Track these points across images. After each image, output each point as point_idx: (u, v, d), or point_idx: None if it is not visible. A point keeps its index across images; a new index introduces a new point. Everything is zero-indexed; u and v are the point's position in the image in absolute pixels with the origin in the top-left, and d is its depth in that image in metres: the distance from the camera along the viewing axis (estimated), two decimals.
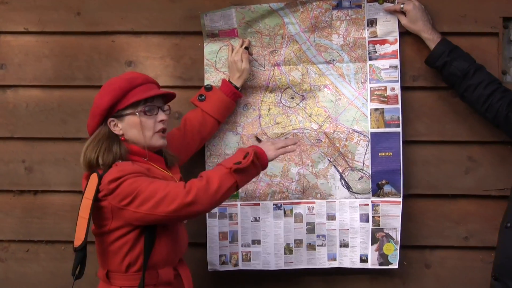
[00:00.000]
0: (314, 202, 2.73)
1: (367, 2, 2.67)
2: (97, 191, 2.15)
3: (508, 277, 2.33)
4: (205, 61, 2.74)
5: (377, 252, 2.70)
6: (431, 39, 2.61)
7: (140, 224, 2.17)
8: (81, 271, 2.24)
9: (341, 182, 2.72)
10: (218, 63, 2.74)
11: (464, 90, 2.58)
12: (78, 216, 2.19)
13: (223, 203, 2.70)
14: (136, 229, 2.19)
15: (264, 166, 2.26)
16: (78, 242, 2.19)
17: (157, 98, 2.31)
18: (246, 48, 2.69)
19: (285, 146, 2.31)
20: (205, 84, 2.71)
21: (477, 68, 2.56)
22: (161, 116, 2.30)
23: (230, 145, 2.74)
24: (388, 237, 2.69)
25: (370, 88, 2.70)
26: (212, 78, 2.73)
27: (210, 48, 2.74)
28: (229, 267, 2.75)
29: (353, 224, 2.72)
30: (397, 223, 2.68)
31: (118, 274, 2.24)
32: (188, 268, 2.41)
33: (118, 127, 2.25)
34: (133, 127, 2.26)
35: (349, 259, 2.73)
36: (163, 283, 2.26)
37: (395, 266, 2.69)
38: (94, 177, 2.18)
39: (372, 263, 2.71)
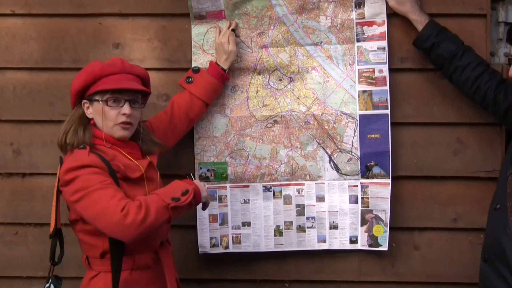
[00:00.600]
0: (303, 184, 2.73)
1: None
2: (59, 178, 2.20)
3: (497, 259, 2.33)
4: (193, 43, 2.73)
5: (366, 234, 2.71)
6: (419, 21, 2.61)
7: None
8: (60, 257, 2.29)
9: (330, 164, 2.72)
10: (206, 45, 2.73)
11: (452, 72, 2.58)
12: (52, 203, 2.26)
13: (213, 185, 2.73)
14: None
15: (196, 204, 2.26)
16: (51, 229, 2.27)
17: (130, 92, 2.27)
18: (233, 30, 2.68)
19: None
20: (192, 66, 2.70)
21: (465, 50, 2.56)
22: (126, 109, 2.26)
23: (219, 128, 2.74)
24: (378, 218, 2.69)
25: (358, 70, 2.70)
26: (200, 60, 2.73)
27: (198, 30, 2.73)
28: (220, 250, 2.76)
29: (342, 206, 2.72)
30: (386, 205, 2.69)
31: (95, 259, 2.25)
32: (170, 251, 2.39)
33: (89, 110, 2.28)
34: (97, 114, 2.27)
35: (338, 241, 2.74)
36: (140, 267, 2.25)
37: (384, 248, 2.71)
38: (59, 164, 2.23)
39: (361, 244, 2.72)
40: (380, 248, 2.71)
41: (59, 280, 2.33)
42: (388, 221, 2.69)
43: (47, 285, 2.31)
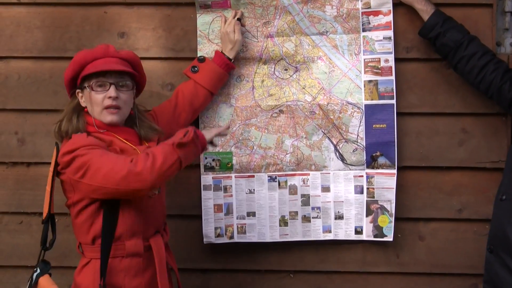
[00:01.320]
0: (308, 174, 2.73)
1: None
2: (56, 163, 2.21)
3: (502, 250, 2.33)
4: (198, 32, 2.72)
5: (371, 224, 2.70)
6: (425, 10, 2.60)
7: (100, 197, 2.17)
8: (51, 243, 2.30)
9: (335, 154, 2.72)
10: (211, 34, 2.72)
11: (457, 61, 2.57)
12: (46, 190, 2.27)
13: (218, 175, 2.72)
14: (96, 201, 2.19)
15: (203, 145, 2.29)
16: (44, 214, 2.28)
17: (116, 74, 2.27)
18: (239, 19, 2.67)
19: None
20: (197, 55, 2.69)
21: (470, 39, 2.56)
22: (111, 92, 2.25)
23: (224, 117, 2.73)
24: (383, 209, 2.69)
25: (364, 59, 2.69)
26: (205, 49, 2.72)
27: (203, 20, 2.72)
28: (225, 240, 2.76)
29: (347, 196, 2.72)
30: (391, 195, 2.68)
31: (87, 246, 2.26)
32: (165, 241, 2.36)
33: (82, 99, 2.30)
34: (87, 100, 2.29)
35: (344, 231, 2.74)
36: (130, 254, 2.24)
37: (389, 238, 2.70)
38: (55, 150, 2.23)
39: (367, 235, 2.72)
40: (385, 239, 2.71)
41: (47, 264, 2.34)
42: (393, 212, 2.69)
43: (35, 269, 2.31)
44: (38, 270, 2.29)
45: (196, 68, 2.62)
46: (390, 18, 2.66)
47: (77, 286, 2.26)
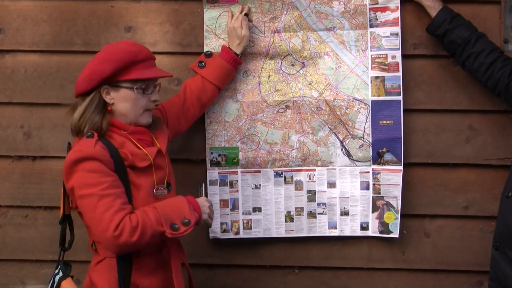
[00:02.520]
0: (314, 170, 2.72)
1: None
2: None
3: (508, 247, 2.33)
4: (205, 27, 2.72)
5: (377, 220, 2.70)
6: (432, 7, 2.59)
7: None
8: (70, 243, 2.30)
9: (341, 149, 2.71)
10: (218, 29, 2.71)
11: (465, 58, 2.57)
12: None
13: (224, 170, 2.73)
14: None
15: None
16: (59, 214, 2.27)
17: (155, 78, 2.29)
18: (246, 14, 2.67)
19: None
20: (204, 50, 2.69)
21: (478, 37, 2.55)
22: (155, 96, 2.27)
23: (230, 112, 2.73)
24: (389, 205, 2.69)
25: (371, 55, 2.69)
26: (212, 44, 2.71)
27: (210, 14, 2.71)
28: (230, 235, 2.76)
29: (353, 192, 2.72)
30: (397, 191, 2.68)
31: (101, 244, 2.23)
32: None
33: (110, 95, 2.21)
34: (126, 101, 2.22)
35: (349, 227, 2.74)
36: (146, 253, 2.22)
37: (395, 235, 2.70)
38: (67, 150, 2.22)
39: (372, 231, 2.71)
40: (391, 235, 2.70)
41: (68, 266, 2.32)
42: (399, 208, 2.68)
43: (56, 271, 2.30)
44: (61, 273, 2.27)
45: (203, 64, 2.61)
46: (397, 14, 2.66)
47: (92, 282, 2.24)
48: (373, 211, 2.71)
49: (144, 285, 2.22)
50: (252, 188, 2.74)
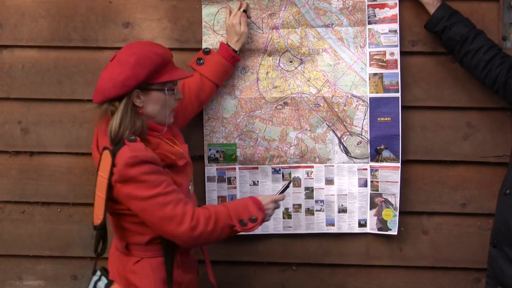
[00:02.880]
0: (312, 167, 2.72)
1: None
2: (111, 172, 2.10)
3: (506, 244, 2.33)
4: (203, 23, 2.71)
5: (375, 217, 2.70)
6: (431, 4, 2.59)
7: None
8: (103, 248, 2.23)
9: (339, 146, 2.71)
10: (216, 25, 2.71)
11: (463, 55, 2.56)
12: (95, 193, 2.16)
13: (222, 167, 2.73)
14: None
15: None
16: (97, 221, 2.17)
17: None
18: (245, 11, 2.66)
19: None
20: (202, 47, 2.69)
21: (476, 34, 2.54)
22: (179, 94, 2.30)
23: (228, 109, 2.73)
24: (387, 202, 2.69)
25: (369, 52, 2.68)
26: (210, 40, 2.71)
27: (208, 11, 2.71)
28: None
29: (351, 189, 2.72)
30: (396, 189, 2.68)
31: (138, 246, 2.23)
32: None
33: (140, 99, 2.18)
34: (156, 102, 2.21)
35: (347, 224, 2.74)
36: (181, 250, 2.28)
37: (394, 232, 2.70)
38: (107, 155, 2.11)
39: (370, 228, 2.72)
40: (389, 232, 2.70)
41: (107, 271, 2.30)
42: (397, 205, 2.68)
43: (96, 277, 2.27)
44: (105, 280, 2.25)
45: (201, 61, 2.60)
46: (396, 11, 2.65)
47: (131, 283, 2.22)
48: (371, 208, 2.71)
49: (185, 281, 2.28)
50: (250, 185, 2.74)
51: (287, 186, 2.41)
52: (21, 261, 2.88)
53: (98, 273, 2.27)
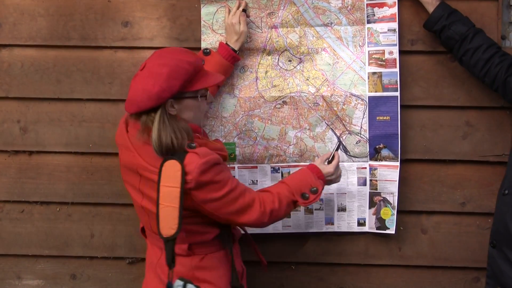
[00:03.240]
0: None
1: None
2: (184, 181, 2.12)
3: (505, 245, 2.33)
4: (202, 22, 2.71)
5: (374, 216, 2.70)
6: (430, 3, 2.59)
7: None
8: (173, 259, 2.21)
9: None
10: (215, 24, 2.71)
11: (462, 54, 2.56)
12: (159, 204, 2.14)
13: None
14: None
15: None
16: (170, 231, 2.14)
17: None
18: (244, 10, 2.66)
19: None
20: (202, 46, 2.69)
21: (476, 32, 2.54)
22: (210, 98, 2.34)
23: (227, 108, 2.72)
24: (386, 201, 2.69)
25: (368, 51, 2.68)
26: (209, 39, 2.71)
27: (207, 10, 2.71)
28: None
29: (350, 188, 2.72)
30: (394, 188, 2.68)
31: (202, 244, 2.28)
32: None
33: (174, 108, 2.18)
34: (190, 109, 2.22)
35: (346, 223, 2.74)
36: (236, 239, 2.43)
37: (392, 231, 2.70)
38: (174, 165, 2.12)
39: (369, 227, 2.72)
40: (387, 231, 2.70)
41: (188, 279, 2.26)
42: (396, 204, 2.68)
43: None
44: (193, 286, 2.21)
45: (202, 62, 2.60)
46: (395, 10, 2.65)
47: (202, 280, 2.25)
48: (370, 207, 2.71)
49: (241, 268, 2.43)
50: (249, 184, 2.73)
51: (339, 146, 2.56)
52: (20, 260, 2.87)
53: (180, 282, 2.20)
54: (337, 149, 2.50)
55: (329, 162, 2.48)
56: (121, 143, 2.28)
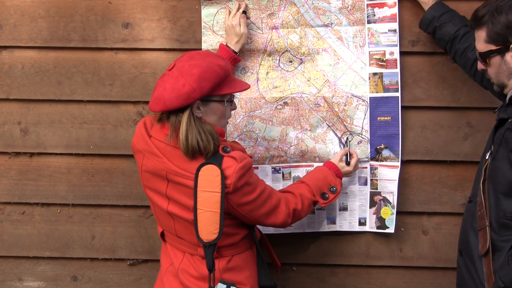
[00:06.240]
0: (312, 166, 2.72)
1: None
2: (224, 185, 2.13)
3: (465, 253, 2.26)
4: (203, 24, 2.71)
5: (374, 216, 2.70)
6: (426, 3, 2.58)
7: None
8: (214, 263, 2.23)
9: (339, 146, 2.71)
10: (216, 26, 2.71)
11: (453, 54, 2.54)
12: (197, 209, 2.14)
13: None
14: None
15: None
16: (210, 236, 2.17)
17: None
18: (244, 11, 2.66)
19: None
20: (202, 47, 2.70)
21: (465, 32, 2.49)
22: (235, 105, 2.35)
23: None
24: (385, 201, 2.69)
25: (369, 52, 2.68)
26: (209, 41, 2.71)
27: (208, 11, 2.71)
28: None
29: (352, 188, 2.72)
30: (394, 187, 2.69)
31: (229, 246, 2.29)
32: None
33: (200, 110, 2.18)
34: (215, 113, 2.23)
35: (348, 223, 2.74)
36: (257, 239, 2.42)
37: (391, 230, 2.70)
38: (213, 169, 2.13)
39: (370, 226, 2.72)
40: (387, 231, 2.71)
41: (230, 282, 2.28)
42: (395, 204, 2.69)
43: None
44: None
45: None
46: (395, 10, 2.65)
47: (232, 281, 2.25)
48: (370, 206, 2.71)
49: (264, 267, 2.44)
50: None
51: (348, 140, 2.65)
52: (21, 262, 2.88)
53: (223, 286, 2.23)
54: (347, 145, 2.61)
55: (346, 159, 2.56)
56: (144, 149, 2.24)
